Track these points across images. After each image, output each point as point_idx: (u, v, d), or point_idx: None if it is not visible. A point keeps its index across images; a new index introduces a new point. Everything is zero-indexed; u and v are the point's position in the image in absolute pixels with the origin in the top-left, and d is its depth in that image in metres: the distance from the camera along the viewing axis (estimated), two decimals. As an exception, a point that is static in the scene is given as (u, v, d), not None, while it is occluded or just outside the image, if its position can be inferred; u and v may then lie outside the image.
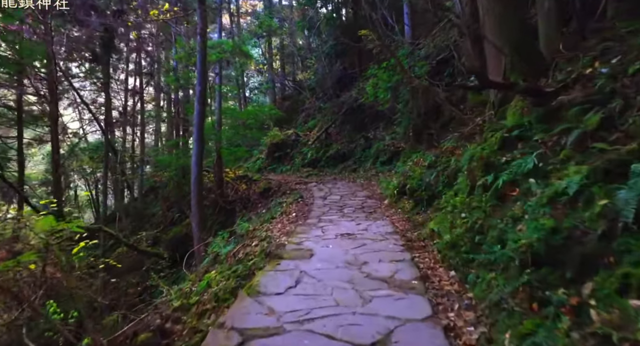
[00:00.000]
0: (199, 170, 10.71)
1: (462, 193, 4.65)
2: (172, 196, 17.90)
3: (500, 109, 4.77)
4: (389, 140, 15.47)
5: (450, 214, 5.15)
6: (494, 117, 4.80)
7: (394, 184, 9.61)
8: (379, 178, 13.72)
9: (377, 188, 12.33)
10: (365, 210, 8.87)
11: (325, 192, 11.87)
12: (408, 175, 9.19)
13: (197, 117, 10.85)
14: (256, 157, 21.65)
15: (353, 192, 11.70)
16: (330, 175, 16.80)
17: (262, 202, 13.66)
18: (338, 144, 17.97)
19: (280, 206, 10.56)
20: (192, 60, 11.83)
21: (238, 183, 15.93)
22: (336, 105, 19.49)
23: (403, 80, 9.91)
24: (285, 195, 12.33)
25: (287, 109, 25.48)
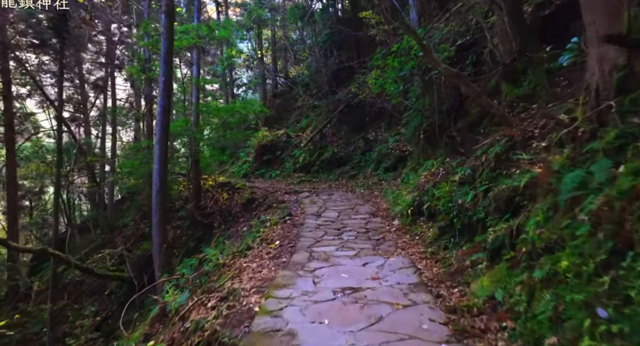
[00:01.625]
0: (162, 179, 8.60)
1: (573, 255, 2.56)
2: (146, 205, 15.76)
3: (625, 98, 2.73)
4: (393, 143, 13.42)
5: (526, 271, 3.10)
6: (613, 112, 2.75)
7: (407, 201, 7.56)
8: (383, 187, 11.66)
9: (381, 201, 10.27)
10: (371, 236, 6.81)
11: (319, 206, 9.79)
12: (425, 190, 7.13)
13: (161, 114, 8.75)
14: (243, 160, 19.53)
15: (353, 206, 9.63)
16: (325, 182, 14.72)
17: (245, 216, 11.56)
18: (334, 146, 15.89)
19: (263, 226, 8.46)
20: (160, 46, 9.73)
21: (219, 192, 13.81)
22: (332, 102, 17.43)
23: (416, 69, 7.86)
24: (271, 210, 10.23)
25: (278, 107, 23.38)
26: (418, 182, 7.91)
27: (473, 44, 9.08)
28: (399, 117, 13.96)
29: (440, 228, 5.76)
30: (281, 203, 10.54)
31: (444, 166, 7.44)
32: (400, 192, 9.68)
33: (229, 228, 11.30)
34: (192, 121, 12.52)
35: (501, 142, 5.00)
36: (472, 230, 5.01)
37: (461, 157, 6.97)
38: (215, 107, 11.60)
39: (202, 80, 12.12)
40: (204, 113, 11.43)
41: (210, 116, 11.65)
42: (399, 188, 10.50)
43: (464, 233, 5.16)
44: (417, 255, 5.54)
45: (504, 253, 3.96)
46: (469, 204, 5.09)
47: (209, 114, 11.49)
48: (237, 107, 11.40)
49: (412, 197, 7.46)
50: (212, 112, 11.31)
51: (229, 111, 11.21)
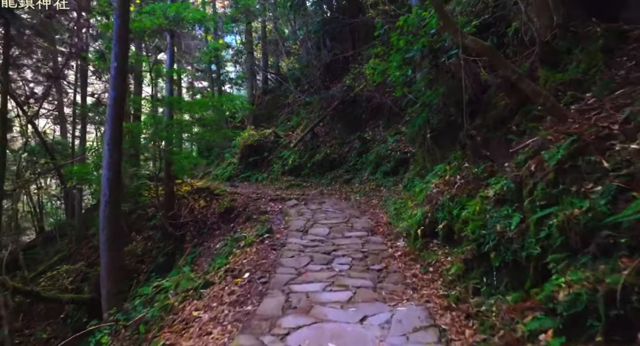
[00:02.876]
0: (112, 188, 6.98)
1: None
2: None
3: None
4: (393, 143, 11.83)
5: None
6: None
7: (415, 217, 5.96)
8: (382, 195, 10.08)
9: (381, 212, 8.69)
10: (371, 265, 5.21)
11: (306, 219, 8.19)
12: (439, 204, 5.55)
13: (111, 107, 7.13)
14: (227, 162, 17.88)
15: (347, 219, 8.04)
16: (317, 186, 13.11)
17: (222, 228, 9.94)
18: (327, 147, 14.29)
19: (236, 246, 6.86)
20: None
21: (195, 199, 12.18)
22: (325, 98, 15.80)
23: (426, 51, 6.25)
24: (250, 223, 8.62)
25: (267, 105, 21.77)
26: (428, 192, 6.31)
27: (493, 23, 7.51)
28: (400, 114, 12.39)
29: (467, 262, 4.17)
30: (263, 214, 8.92)
31: (462, 173, 5.85)
32: (404, 202, 8.10)
33: (202, 242, 9.68)
34: (165, 117, 10.89)
35: (563, 143, 3.41)
36: (519, 272, 3.43)
37: (486, 162, 5.38)
38: (187, 102, 9.96)
39: (175, 71, 10.48)
40: (174, 108, 9.79)
41: (183, 112, 10.03)
42: (402, 196, 8.92)
43: (507, 275, 3.58)
44: (436, 301, 3.94)
45: (592, 328, 2.40)
46: (513, 233, 3.50)
47: (181, 110, 9.87)
48: (213, 102, 9.79)
49: (421, 213, 5.86)
50: (184, 107, 9.69)
51: (204, 106, 9.60)
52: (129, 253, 11.74)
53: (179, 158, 10.63)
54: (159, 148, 9.70)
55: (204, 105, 9.61)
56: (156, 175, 10.22)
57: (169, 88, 11.13)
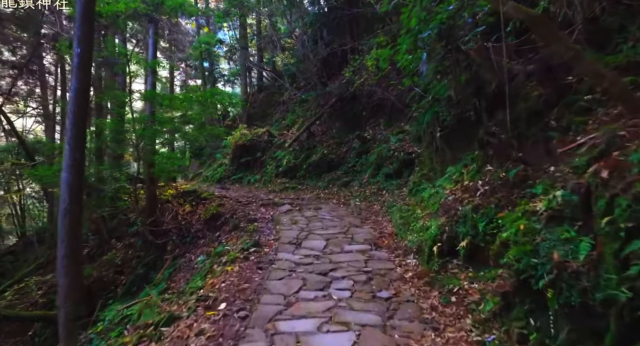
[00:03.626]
0: (73, 194, 5.96)
1: None
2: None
3: None
4: (396, 143, 10.84)
5: None
6: None
7: (430, 231, 4.96)
8: (385, 200, 9.10)
9: (384, 220, 7.71)
10: (377, 291, 4.22)
11: (300, 228, 7.20)
12: (459, 216, 4.58)
13: (73, 99, 6.11)
14: (219, 163, 16.88)
15: (347, 229, 7.05)
16: (313, 189, 12.12)
17: (206, 237, 8.94)
18: (324, 147, 13.29)
19: (217, 262, 5.86)
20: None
21: (180, 203, 11.18)
22: (322, 95, 14.82)
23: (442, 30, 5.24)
24: (237, 232, 7.61)
25: (261, 103, 20.77)
26: (443, 200, 5.33)
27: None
28: (404, 111, 11.39)
29: (506, 296, 3.18)
30: (251, 223, 7.92)
31: (485, 178, 4.87)
32: (411, 209, 7.12)
33: (184, 253, 8.67)
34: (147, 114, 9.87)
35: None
36: (592, 320, 2.45)
37: (517, 165, 4.40)
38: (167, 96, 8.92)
39: (157, 62, 9.45)
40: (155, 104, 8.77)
41: (164, 108, 9.00)
42: (408, 202, 7.94)
43: (571, 323, 2.59)
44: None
45: None
46: (581, 265, 2.51)
47: (161, 105, 8.86)
48: (197, 96, 8.78)
49: (436, 225, 4.88)
50: (164, 102, 8.67)
51: (186, 101, 8.59)
52: (107, 263, 10.74)
53: (161, 159, 9.61)
54: (137, 148, 8.66)
55: (186, 100, 8.62)
56: (135, 178, 9.18)
57: (151, 81, 10.12)
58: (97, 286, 10.09)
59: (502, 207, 4.13)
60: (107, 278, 10.21)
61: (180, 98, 8.60)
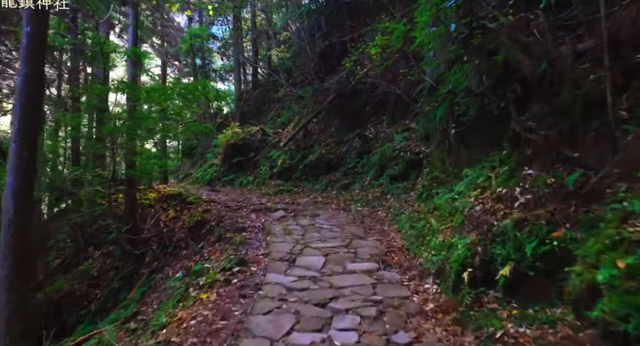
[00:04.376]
0: (19, 200, 4.94)
1: None
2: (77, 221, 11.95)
3: None
4: (401, 141, 9.85)
5: None
6: None
7: (457, 252, 3.94)
8: (391, 205, 8.11)
9: (391, 229, 6.74)
10: (392, 334, 3.23)
11: (295, 240, 6.20)
12: (495, 232, 3.58)
13: (22, 87, 5.10)
14: (209, 163, 15.87)
15: (349, 241, 6.06)
16: (309, 193, 11.13)
17: (189, 246, 7.94)
18: (322, 146, 12.30)
19: (194, 283, 4.86)
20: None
21: (164, 208, 10.17)
22: (319, 91, 13.83)
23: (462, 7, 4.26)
24: (222, 243, 6.61)
25: (256, 100, 19.75)
26: (468, 211, 4.34)
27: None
28: (409, 107, 10.43)
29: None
30: (239, 233, 6.91)
31: (524, 183, 3.88)
32: (424, 218, 6.13)
33: (162, 267, 7.66)
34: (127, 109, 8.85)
35: None
36: None
37: (572, 168, 3.42)
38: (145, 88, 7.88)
39: (137, 50, 8.39)
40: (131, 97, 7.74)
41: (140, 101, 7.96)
42: (418, 209, 6.96)
43: None
44: None
45: None
46: None
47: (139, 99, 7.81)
48: (178, 88, 7.75)
49: (465, 244, 3.87)
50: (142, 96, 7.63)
51: (165, 93, 7.56)
52: (81, 275, 9.72)
53: (141, 159, 8.59)
54: (113, 147, 7.64)
55: (166, 92, 7.59)
56: (109, 180, 8.16)
57: (132, 72, 9.09)
58: (68, 301, 9.09)
59: (556, 223, 3.15)
60: (80, 292, 9.21)
61: (159, 90, 7.58)
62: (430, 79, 7.19)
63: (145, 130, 7.42)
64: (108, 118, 7.03)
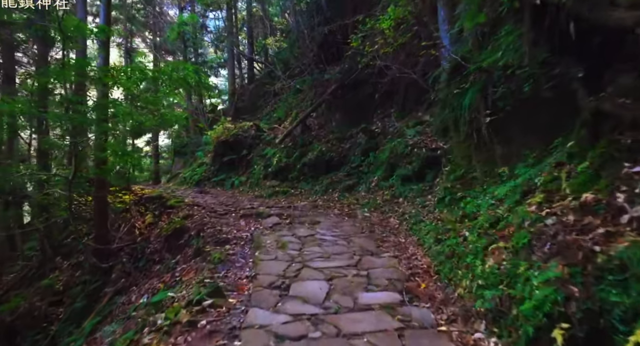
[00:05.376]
0: None
1: None
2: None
3: None
4: (414, 136, 8.55)
5: None
6: None
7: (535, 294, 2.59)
8: (405, 211, 6.82)
9: (410, 243, 5.44)
10: None
11: (290, 256, 4.91)
12: (601, 266, 2.26)
13: None
14: (199, 162, 14.56)
15: (358, 260, 4.77)
16: (308, 195, 9.84)
17: (164, 259, 6.64)
18: (322, 143, 11.01)
19: (150, 323, 3.55)
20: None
21: (142, 212, 8.87)
22: (319, 82, 12.55)
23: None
24: (199, 260, 5.30)
25: (251, 95, 18.45)
26: (541, 227, 3.02)
27: None
28: (422, 98, 9.15)
29: None
30: (222, 245, 5.60)
31: (633, 185, 2.58)
32: (452, 228, 4.83)
33: (129, 286, 6.36)
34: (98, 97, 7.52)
35: None
36: None
37: None
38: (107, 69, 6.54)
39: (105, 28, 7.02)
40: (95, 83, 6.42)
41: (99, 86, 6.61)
42: (441, 217, 5.67)
43: None
44: None
45: None
46: None
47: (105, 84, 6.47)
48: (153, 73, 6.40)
49: (547, 280, 2.54)
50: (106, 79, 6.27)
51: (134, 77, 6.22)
52: (43, 290, 8.40)
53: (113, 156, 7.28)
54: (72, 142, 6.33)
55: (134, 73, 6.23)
56: (70, 181, 6.82)
57: (103, 56, 7.78)
58: (24, 323, 7.76)
59: None
60: (40, 311, 7.88)
61: (123, 71, 6.23)
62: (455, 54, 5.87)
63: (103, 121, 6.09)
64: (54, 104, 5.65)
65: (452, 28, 6.45)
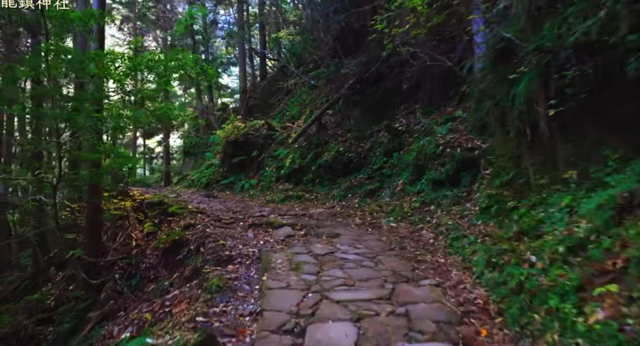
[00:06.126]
0: None
1: None
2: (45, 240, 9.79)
3: None
4: (446, 134, 7.52)
5: None
6: None
7: None
8: (440, 224, 5.80)
9: (452, 265, 4.43)
10: None
11: (306, 283, 3.94)
12: None
13: None
14: (208, 163, 13.68)
15: (391, 289, 3.78)
16: (325, 201, 8.89)
17: (160, 277, 5.75)
18: (339, 143, 10.03)
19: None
20: None
21: (141, 220, 8.00)
22: (336, 77, 11.58)
23: None
24: (194, 284, 4.37)
25: (263, 92, 17.54)
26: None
27: None
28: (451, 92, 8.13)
29: None
30: (224, 265, 4.67)
31: None
32: (507, 249, 3.84)
33: (117, 311, 5.45)
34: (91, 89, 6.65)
35: None
36: None
37: None
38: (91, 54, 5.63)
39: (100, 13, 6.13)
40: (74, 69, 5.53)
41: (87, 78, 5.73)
42: (486, 230, 4.67)
43: None
44: None
45: None
46: None
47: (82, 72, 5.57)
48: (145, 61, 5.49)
49: None
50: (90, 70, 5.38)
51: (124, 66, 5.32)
52: (31, 307, 7.57)
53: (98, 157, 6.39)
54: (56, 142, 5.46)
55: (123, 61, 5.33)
56: (54, 186, 5.95)
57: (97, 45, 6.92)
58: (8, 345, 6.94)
59: None
60: (25, 331, 7.04)
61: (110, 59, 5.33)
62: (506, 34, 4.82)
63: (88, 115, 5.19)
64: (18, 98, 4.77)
65: (495, 4, 5.40)
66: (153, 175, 27.03)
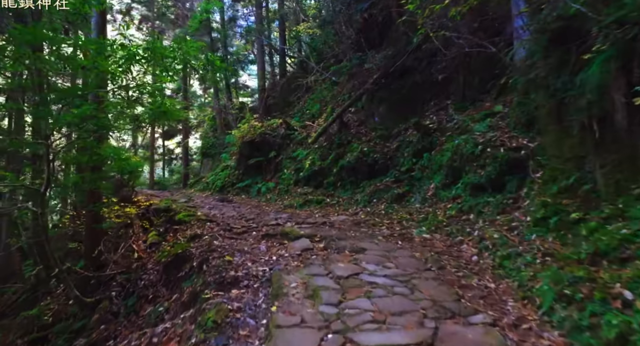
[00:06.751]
0: None
1: None
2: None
3: None
4: (486, 131, 6.58)
5: None
6: None
7: None
8: (484, 235, 4.90)
9: (506, 293, 3.54)
10: None
11: (325, 316, 3.15)
12: None
13: None
14: (223, 165, 13.02)
15: (434, 329, 2.94)
16: (348, 206, 8.07)
17: (159, 297, 5.03)
18: (362, 142, 9.19)
19: None
20: None
21: (146, 228, 7.34)
22: (358, 71, 10.76)
23: None
24: (187, 317, 3.61)
25: (282, 91, 16.82)
26: None
27: None
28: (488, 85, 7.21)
29: None
30: (227, 289, 3.90)
31: None
32: (585, 277, 2.93)
33: (106, 338, 4.74)
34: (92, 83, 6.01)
35: None
36: None
37: None
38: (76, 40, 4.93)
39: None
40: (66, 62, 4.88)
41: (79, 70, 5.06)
42: (545, 247, 3.79)
43: None
44: None
45: None
46: None
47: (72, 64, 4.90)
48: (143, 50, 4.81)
49: None
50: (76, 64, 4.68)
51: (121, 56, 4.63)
52: (27, 324, 6.97)
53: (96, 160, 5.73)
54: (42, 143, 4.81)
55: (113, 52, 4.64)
56: (41, 194, 5.30)
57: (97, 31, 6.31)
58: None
59: None
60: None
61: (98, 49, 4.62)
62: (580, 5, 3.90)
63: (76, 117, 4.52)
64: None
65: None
66: (172, 177, 26.62)
